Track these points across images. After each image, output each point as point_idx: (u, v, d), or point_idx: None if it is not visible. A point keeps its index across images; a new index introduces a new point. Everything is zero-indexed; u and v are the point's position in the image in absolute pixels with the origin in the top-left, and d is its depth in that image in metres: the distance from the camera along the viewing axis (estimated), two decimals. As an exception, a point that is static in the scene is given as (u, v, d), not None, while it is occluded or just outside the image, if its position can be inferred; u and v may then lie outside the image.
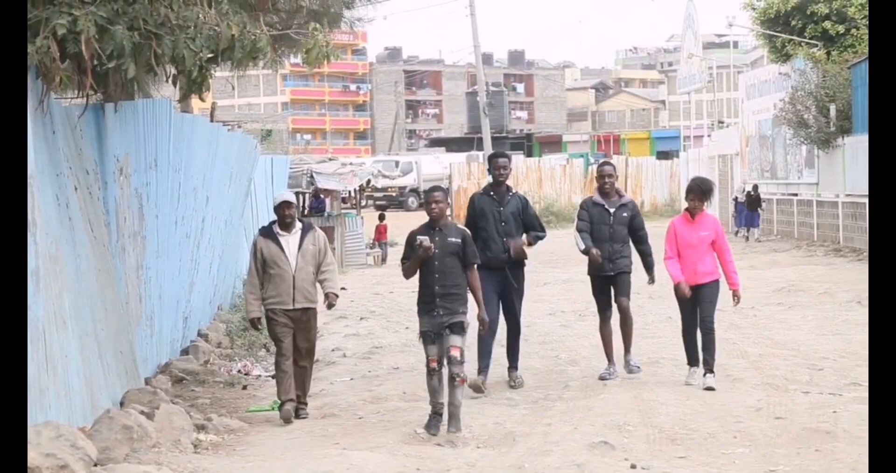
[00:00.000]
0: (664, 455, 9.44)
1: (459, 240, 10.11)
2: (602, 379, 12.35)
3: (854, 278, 22.74)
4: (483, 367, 11.98)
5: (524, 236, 12.12)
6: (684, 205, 12.09)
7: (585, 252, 12.28)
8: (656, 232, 13.27)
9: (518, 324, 12.34)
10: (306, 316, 11.25)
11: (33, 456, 7.41)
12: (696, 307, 11.79)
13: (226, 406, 11.96)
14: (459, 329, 9.98)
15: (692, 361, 11.96)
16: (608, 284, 12.49)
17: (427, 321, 10.13)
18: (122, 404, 10.34)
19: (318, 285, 11.33)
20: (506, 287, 11.99)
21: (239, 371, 14.06)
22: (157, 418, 9.73)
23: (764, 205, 36.04)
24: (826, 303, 19.24)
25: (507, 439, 9.99)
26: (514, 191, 12.33)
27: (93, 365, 9.74)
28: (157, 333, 12.90)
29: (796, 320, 17.41)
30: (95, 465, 8.09)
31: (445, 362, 9.98)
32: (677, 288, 11.72)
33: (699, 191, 11.65)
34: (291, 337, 11.21)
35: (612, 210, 12.43)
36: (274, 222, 11.24)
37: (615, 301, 12.53)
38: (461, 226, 10.14)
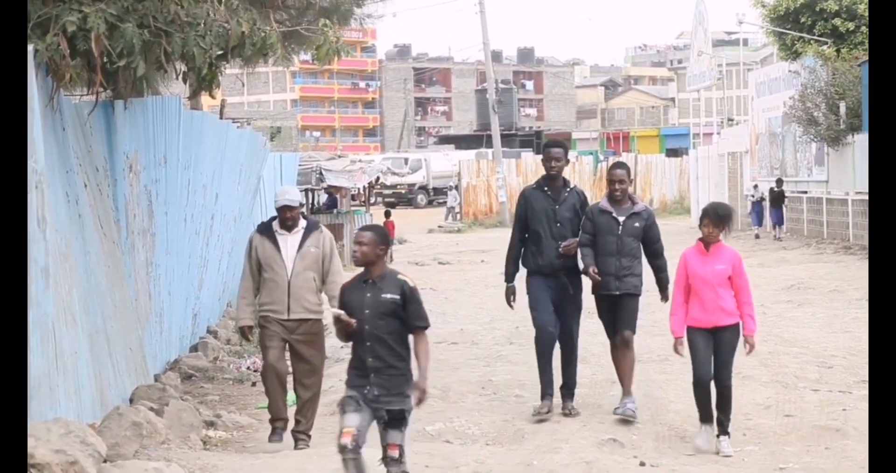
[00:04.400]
0: (673, 452, 9.44)
1: (398, 297, 7.45)
2: (624, 415, 10.59)
3: (863, 276, 22.68)
4: (546, 392, 10.76)
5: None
6: (693, 204, 11.30)
7: (584, 271, 10.72)
8: (665, 229, 13.15)
9: (574, 342, 10.84)
10: (304, 329, 9.85)
11: (43, 453, 7.43)
12: (710, 353, 9.63)
13: (235, 402, 11.98)
14: (400, 423, 7.37)
15: (705, 418, 9.73)
16: (613, 305, 10.70)
17: (356, 392, 7.44)
18: (131, 400, 10.36)
19: (320, 295, 9.90)
20: (562, 296, 10.67)
21: (248, 367, 14.07)
22: (166, 414, 9.75)
23: (786, 201, 35.58)
24: (836, 301, 19.22)
25: (517, 436, 9.99)
26: (572, 185, 10.92)
27: (102, 362, 9.75)
28: (167, 330, 12.92)
29: (806, 318, 17.39)
30: (105, 461, 8.10)
31: (380, 458, 7.39)
32: (675, 345, 9.71)
33: (714, 216, 9.60)
34: (282, 345, 9.85)
35: (621, 219, 10.66)
36: (274, 218, 10.06)
37: (617, 330, 10.78)
38: (404, 276, 7.62)
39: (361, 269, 7.54)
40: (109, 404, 9.51)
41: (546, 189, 10.79)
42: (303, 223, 9.96)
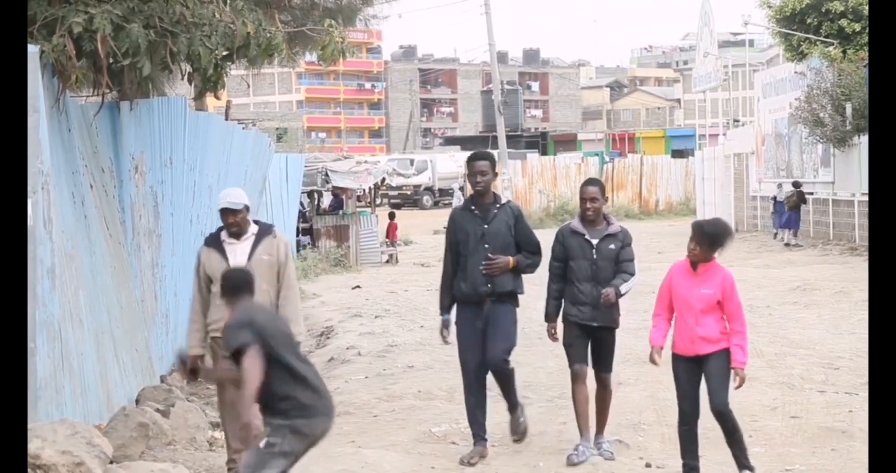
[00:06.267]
0: (679, 454, 9.42)
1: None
2: (570, 463, 9.25)
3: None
4: (478, 436, 9.54)
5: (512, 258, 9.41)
6: (699, 205, 10.75)
7: (546, 319, 9.58)
8: (670, 231, 13.10)
9: (501, 369, 9.43)
10: None
11: (49, 454, 7.44)
12: (695, 386, 8.54)
13: (241, 404, 11.97)
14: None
15: (689, 468, 8.65)
16: (587, 336, 9.41)
17: None
18: (137, 401, 10.36)
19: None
20: (488, 326, 9.41)
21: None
22: (172, 416, 9.75)
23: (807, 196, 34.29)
24: (842, 302, 19.18)
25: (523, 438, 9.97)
26: (503, 201, 9.55)
27: (108, 363, 9.76)
28: (173, 331, 12.91)
29: (812, 319, 17.36)
30: (111, 462, 8.10)
31: None
32: (651, 354, 8.67)
33: (700, 233, 8.34)
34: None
35: (594, 241, 9.36)
36: (222, 227, 8.76)
37: (594, 372, 9.52)
38: (259, 304, 7.07)
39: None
40: (115, 405, 9.52)
41: (473, 207, 9.49)
42: (253, 228, 8.67)
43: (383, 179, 34.21)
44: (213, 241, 8.67)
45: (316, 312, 20.11)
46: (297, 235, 29.07)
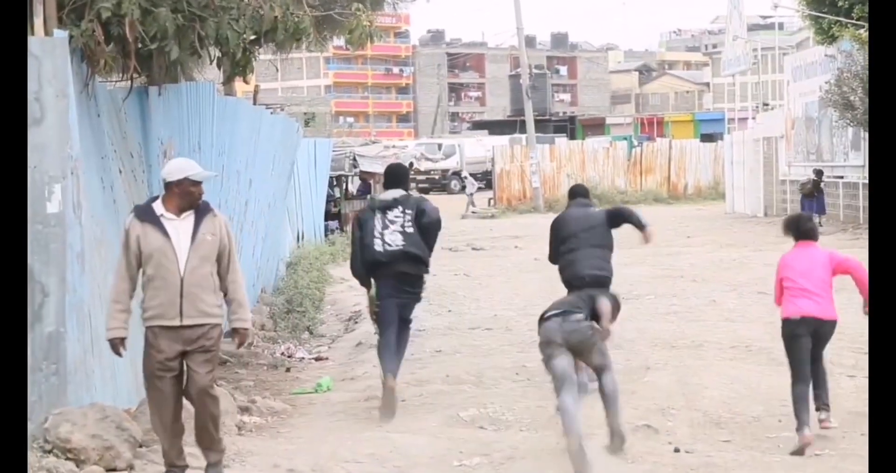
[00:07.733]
0: (708, 438, 9.41)
1: None
2: None
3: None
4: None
5: None
6: (728, 189, 11.20)
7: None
8: (700, 214, 13.03)
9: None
10: (201, 337, 7.81)
11: (79, 438, 7.49)
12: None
13: (269, 388, 12.01)
14: None
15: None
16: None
17: None
18: (166, 386, 10.38)
19: (219, 294, 7.95)
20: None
21: (282, 353, 14.11)
22: (201, 400, 9.75)
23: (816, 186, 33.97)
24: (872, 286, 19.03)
25: (551, 422, 9.96)
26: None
27: (138, 347, 9.77)
28: (201, 315, 12.93)
29: (842, 303, 17.19)
30: (140, 447, 8.15)
31: None
32: None
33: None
34: (175, 380, 7.83)
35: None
36: (155, 199, 7.84)
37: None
38: None
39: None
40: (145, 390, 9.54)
41: None
42: None
43: (411, 164, 34.22)
44: (148, 216, 7.71)
45: (344, 297, 20.14)
46: (326, 219, 29.12)
